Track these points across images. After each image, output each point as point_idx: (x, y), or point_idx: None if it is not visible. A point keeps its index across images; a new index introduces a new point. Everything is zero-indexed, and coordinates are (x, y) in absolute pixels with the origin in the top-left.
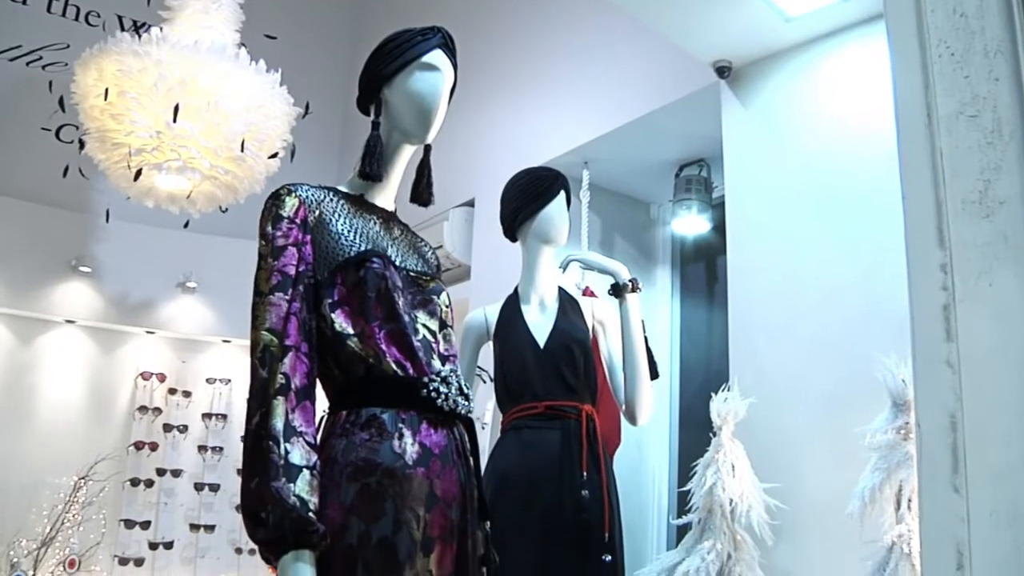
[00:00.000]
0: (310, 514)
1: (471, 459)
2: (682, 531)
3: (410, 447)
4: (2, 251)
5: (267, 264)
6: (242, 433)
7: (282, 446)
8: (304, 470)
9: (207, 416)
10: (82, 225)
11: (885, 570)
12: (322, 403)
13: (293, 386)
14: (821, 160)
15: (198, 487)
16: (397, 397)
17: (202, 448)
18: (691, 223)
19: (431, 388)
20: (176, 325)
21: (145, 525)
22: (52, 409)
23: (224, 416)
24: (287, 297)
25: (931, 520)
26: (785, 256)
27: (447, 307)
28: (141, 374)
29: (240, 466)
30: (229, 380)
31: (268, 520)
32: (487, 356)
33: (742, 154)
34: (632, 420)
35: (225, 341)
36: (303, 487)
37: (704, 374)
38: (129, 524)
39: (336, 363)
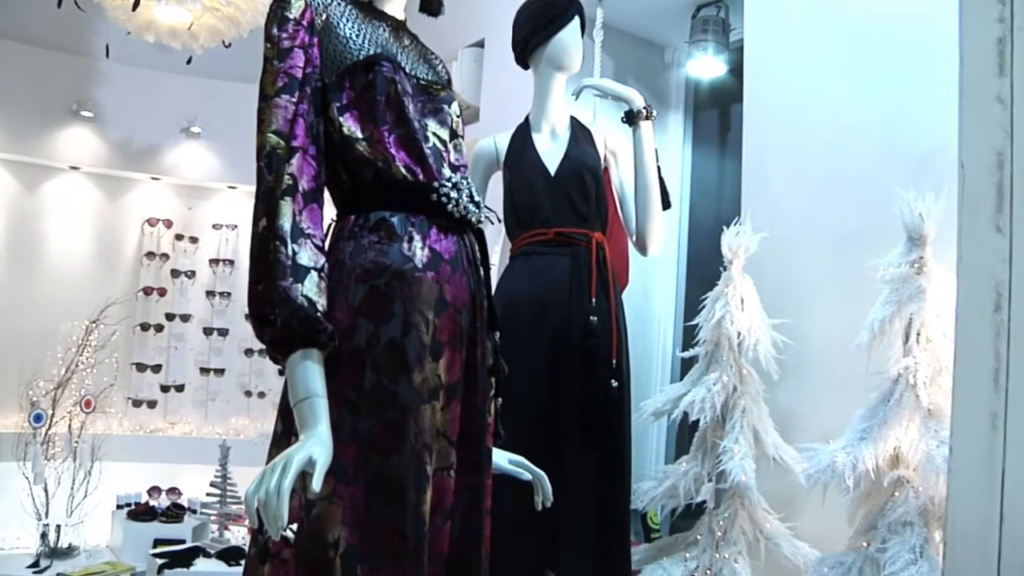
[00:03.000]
0: (318, 314)
1: (481, 269)
2: (686, 367)
3: (419, 251)
4: (1, 95)
5: (273, 67)
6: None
7: (289, 247)
8: (312, 271)
9: (214, 262)
10: (82, 69)
11: (889, 400)
12: (329, 212)
13: (300, 188)
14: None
15: (207, 332)
16: (406, 201)
17: (210, 293)
18: (706, 65)
19: (441, 193)
20: (181, 171)
21: (156, 369)
22: (60, 255)
23: (231, 262)
24: (294, 99)
25: (970, 261)
26: (802, 96)
27: (458, 117)
28: (147, 220)
29: (247, 311)
30: (236, 226)
31: (276, 320)
32: (496, 195)
33: None
34: (643, 250)
35: (231, 187)
36: (311, 288)
37: (714, 219)
38: (140, 368)
39: (344, 168)
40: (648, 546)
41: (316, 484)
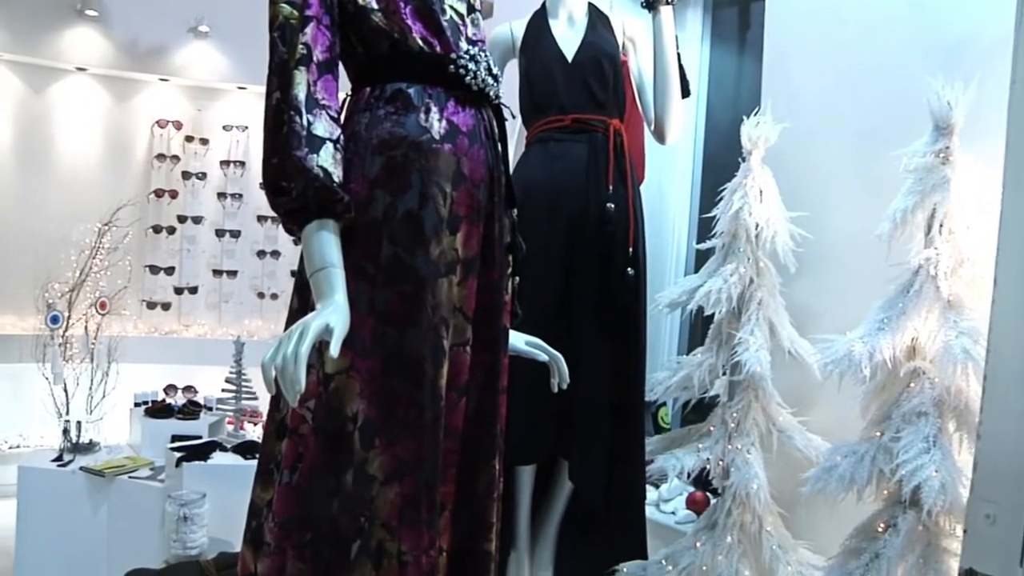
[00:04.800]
0: (334, 184)
1: (499, 144)
2: (701, 262)
3: (437, 122)
4: None
5: None
6: (260, 180)
7: (304, 117)
8: (327, 142)
9: (225, 163)
10: None
11: (909, 291)
12: (344, 86)
13: (314, 58)
14: None
15: (219, 233)
16: (423, 72)
17: (221, 195)
18: None
19: (459, 65)
20: (190, 72)
21: (169, 271)
22: (70, 158)
23: (242, 163)
24: None
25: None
26: None
27: None
28: (157, 122)
29: (259, 212)
30: (246, 127)
31: (291, 190)
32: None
33: None
34: (661, 138)
35: (240, 88)
36: (327, 158)
37: (731, 114)
38: (154, 270)
39: (359, 39)
40: (661, 437)
41: (334, 350)
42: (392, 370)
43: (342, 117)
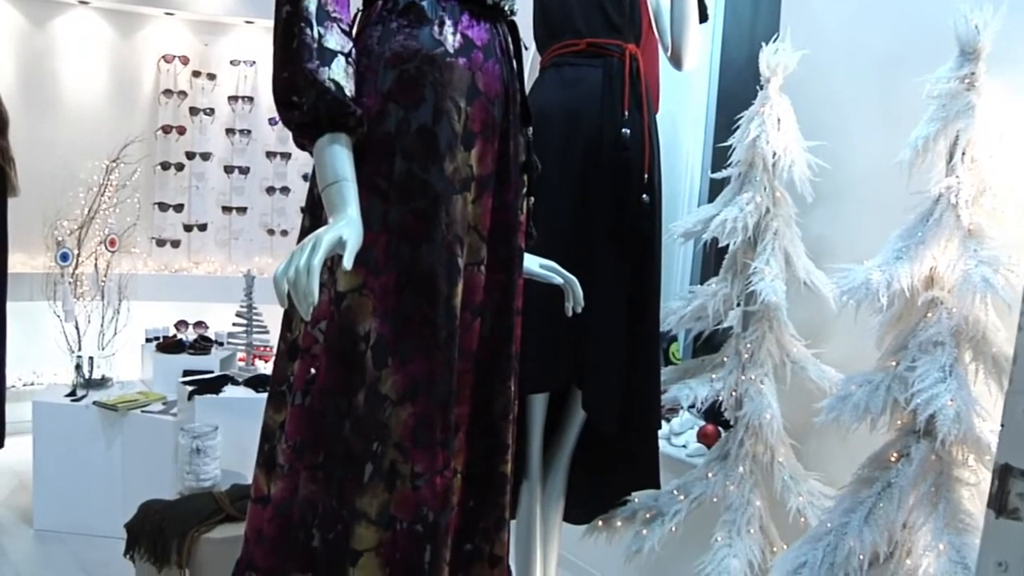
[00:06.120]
0: (346, 97)
1: (514, 61)
2: (714, 194)
3: (451, 36)
4: None
5: None
6: (269, 116)
7: (315, 28)
8: (339, 55)
9: (233, 99)
10: None
11: (928, 220)
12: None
13: None
14: None
15: (228, 170)
16: None
17: (230, 131)
18: None
19: None
20: (195, 5)
21: (178, 208)
22: (76, 94)
23: (250, 99)
24: None
25: None
26: None
27: None
28: (163, 57)
29: (268, 148)
30: (254, 62)
31: (302, 104)
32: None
33: None
34: (678, 64)
35: (248, 22)
36: (338, 71)
37: (748, 42)
38: (163, 207)
39: None
40: (674, 368)
41: (347, 262)
42: (406, 287)
43: (354, 31)
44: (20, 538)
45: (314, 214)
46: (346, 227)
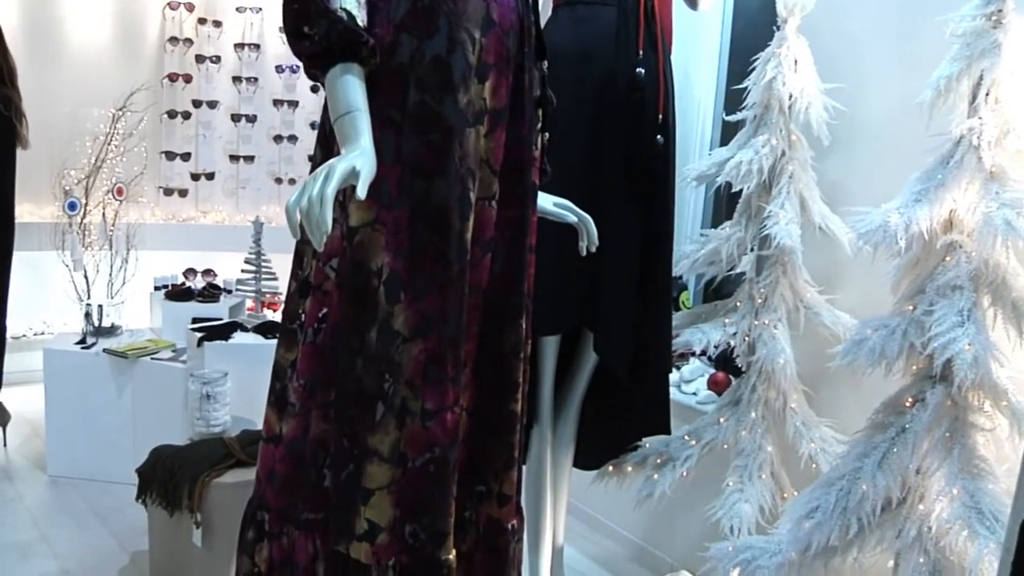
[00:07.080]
0: (357, 26)
1: None
2: (728, 136)
3: None
4: None
5: None
6: (276, 64)
7: None
8: None
9: (239, 46)
10: None
11: (949, 162)
12: None
13: None
14: None
15: (235, 118)
16: None
17: (236, 79)
18: None
19: None
20: None
21: (186, 157)
22: (81, 41)
23: (257, 46)
24: None
25: None
26: None
27: None
28: (168, 3)
29: (275, 96)
30: (260, 9)
31: (313, 34)
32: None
33: None
34: (693, 4)
35: None
36: (350, 1)
37: None
38: (170, 156)
39: None
40: (687, 312)
41: (361, 191)
42: (418, 221)
43: None
44: (34, 484)
45: (326, 146)
46: (359, 157)
